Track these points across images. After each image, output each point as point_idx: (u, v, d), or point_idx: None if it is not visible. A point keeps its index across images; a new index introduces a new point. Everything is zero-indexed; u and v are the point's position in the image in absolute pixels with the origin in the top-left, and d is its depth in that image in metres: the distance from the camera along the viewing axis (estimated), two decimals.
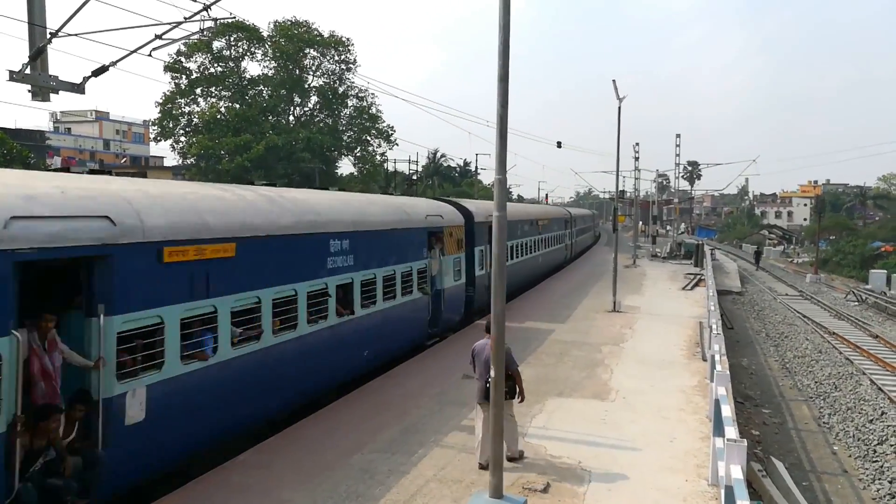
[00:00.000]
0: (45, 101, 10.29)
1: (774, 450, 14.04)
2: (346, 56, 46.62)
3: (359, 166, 50.17)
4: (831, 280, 54.09)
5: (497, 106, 7.01)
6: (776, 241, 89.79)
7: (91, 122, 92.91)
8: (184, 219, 8.11)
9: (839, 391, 18.41)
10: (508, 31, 6.97)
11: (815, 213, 73.36)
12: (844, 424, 15.87)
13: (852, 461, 13.89)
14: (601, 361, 14.50)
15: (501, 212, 7.21)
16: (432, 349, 15.46)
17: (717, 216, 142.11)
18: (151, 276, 7.47)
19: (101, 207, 7.07)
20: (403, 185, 55.68)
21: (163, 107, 43.72)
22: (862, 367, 20.42)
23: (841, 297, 41.23)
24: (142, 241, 7.34)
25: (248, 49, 45.01)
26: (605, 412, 10.96)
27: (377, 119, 48.45)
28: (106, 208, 7.10)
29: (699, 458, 9.00)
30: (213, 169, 41.28)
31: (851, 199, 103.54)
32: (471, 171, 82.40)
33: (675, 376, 13.38)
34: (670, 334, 17.90)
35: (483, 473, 7.96)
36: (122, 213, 7.21)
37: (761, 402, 17.76)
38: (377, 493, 7.77)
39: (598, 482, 8.16)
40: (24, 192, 6.50)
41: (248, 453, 8.93)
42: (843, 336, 25.66)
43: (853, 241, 67.24)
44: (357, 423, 10.13)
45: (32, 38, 9.97)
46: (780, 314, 32.00)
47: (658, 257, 47.13)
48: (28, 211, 6.29)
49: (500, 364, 7.14)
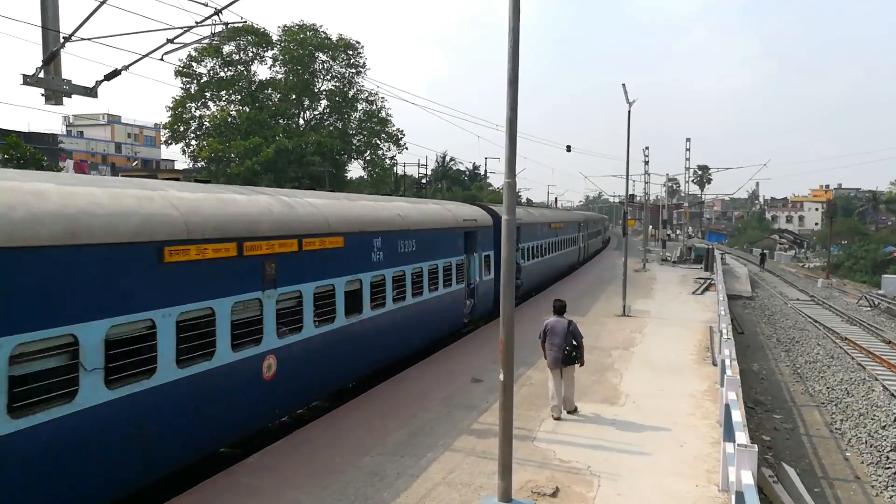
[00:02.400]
0: (58, 105, 10.38)
1: (786, 455, 13.93)
2: (356, 60, 46.78)
3: (368, 170, 50.25)
4: (843, 285, 53.72)
5: (506, 109, 7.02)
6: (787, 246, 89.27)
7: (103, 126, 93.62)
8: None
9: (851, 397, 18.26)
10: (518, 35, 6.98)
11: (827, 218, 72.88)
12: (857, 430, 15.73)
13: (865, 467, 13.76)
14: (611, 366, 14.45)
15: (511, 215, 7.20)
16: (437, 354, 15.44)
17: (727, 220, 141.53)
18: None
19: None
20: (413, 188, 55.77)
21: (173, 111, 43.97)
22: (874, 373, 20.25)
23: (853, 302, 40.92)
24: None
25: (258, 53, 45.23)
26: (615, 417, 10.92)
27: (387, 123, 48.50)
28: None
29: (709, 463, 8.95)
30: (224, 172, 41.47)
31: (863, 203, 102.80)
32: (480, 174, 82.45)
33: (685, 381, 13.31)
34: (680, 339, 17.81)
35: (491, 476, 7.94)
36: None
37: (772, 408, 17.64)
38: (386, 497, 7.77)
39: (607, 487, 8.13)
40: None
41: (256, 455, 8.95)
42: (856, 341, 25.46)
43: (865, 246, 66.78)
44: (366, 426, 10.14)
45: (46, 42, 10.07)
46: (792, 319, 31.79)
47: (668, 261, 46.93)
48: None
49: (509, 365, 7.13)
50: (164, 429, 7.41)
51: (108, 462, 6.76)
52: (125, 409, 6.84)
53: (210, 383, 8.03)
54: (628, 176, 25.74)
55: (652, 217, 63.41)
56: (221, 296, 8.23)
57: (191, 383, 7.73)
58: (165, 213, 7.58)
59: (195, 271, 7.84)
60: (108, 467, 6.77)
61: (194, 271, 7.82)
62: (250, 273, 8.78)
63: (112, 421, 6.70)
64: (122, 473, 6.99)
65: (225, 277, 8.32)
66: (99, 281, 6.67)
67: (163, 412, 7.36)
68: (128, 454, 6.98)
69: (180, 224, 7.67)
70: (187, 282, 7.73)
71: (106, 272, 6.74)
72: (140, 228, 7.15)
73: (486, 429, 10.05)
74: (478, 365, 13.99)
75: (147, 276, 7.22)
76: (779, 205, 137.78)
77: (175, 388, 7.50)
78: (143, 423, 7.08)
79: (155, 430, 7.27)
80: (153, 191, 7.90)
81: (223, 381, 8.25)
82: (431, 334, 15.46)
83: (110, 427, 6.69)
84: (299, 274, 9.83)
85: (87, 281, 6.56)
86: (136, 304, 7.04)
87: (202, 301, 7.94)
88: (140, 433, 7.06)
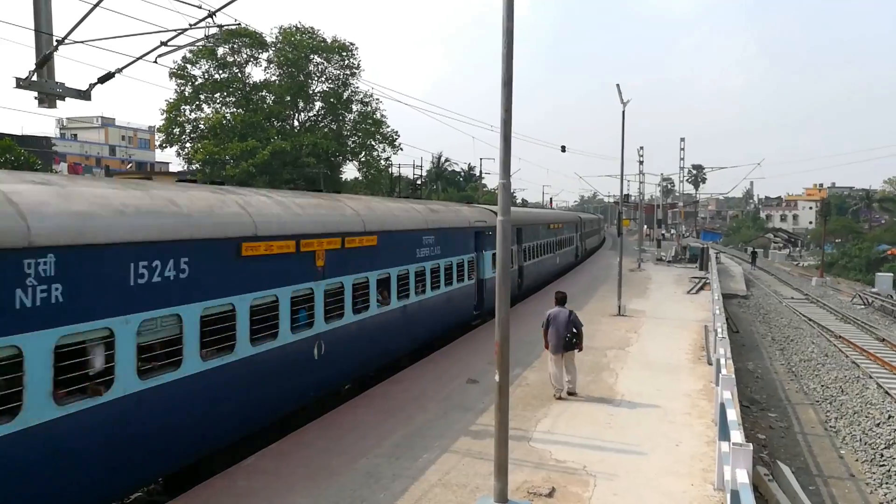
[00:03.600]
0: (51, 108, 10.34)
1: (781, 454, 14.00)
2: (350, 61, 46.76)
3: (363, 171, 50.24)
4: (837, 283, 53.94)
5: (501, 110, 7.03)
6: (781, 245, 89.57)
7: (97, 129, 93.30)
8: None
9: (846, 395, 18.35)
10: (512, 37, 7.00)
11: (821, 217, 73.11)
12: (851, 428, 15.82)
13: (859, 465, 13.83)
14: (606, 365, 14.48)
15: (505, 216, 7.22)
16: (433, 355, 15.45)
17: (721, 220, 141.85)
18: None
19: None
20: (408, 189, 55.74)
21: (168, 113, 43.89)
22: (868, 371, 20.36)
23: (847, 301, 41.11)
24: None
25: (252, 55, 45.19)
26: (611, 416, 10.95)
27: (381, 124, 48.49)
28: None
29: (705, 462, 8.98)
30: (218, 174, 41.38)
31: (857, 202, 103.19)
32: (475, 175, 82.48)
33: (680, 380, 13.35)
34: (675, 338, 17.86)
35: (487, 477, 7.96)
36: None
37: (767, 406, 17.72)
38: (382, 499, 7.77)
39: (603, 486, 8.15)
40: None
41: (253, 458, 8.95)
42: (850, 339, 25.59)
43: (859, 245, 67.10)
44: (362, 428, 10.14)
45: (39, 45, 10.04)
46: (786, 318, 31.91)
47: (663, 261, 47.05)
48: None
49: (504, 366, 7.15)
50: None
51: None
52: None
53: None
54: (623, 176, 25.81)
55: (647, 217, 63.50)
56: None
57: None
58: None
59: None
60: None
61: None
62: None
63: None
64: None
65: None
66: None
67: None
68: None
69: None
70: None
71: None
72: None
73: (482, 430, 10.06)
74: (474, 366, 14.01)
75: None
76: (773, 204, 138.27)
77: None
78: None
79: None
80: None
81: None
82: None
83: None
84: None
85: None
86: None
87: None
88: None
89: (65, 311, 6.23)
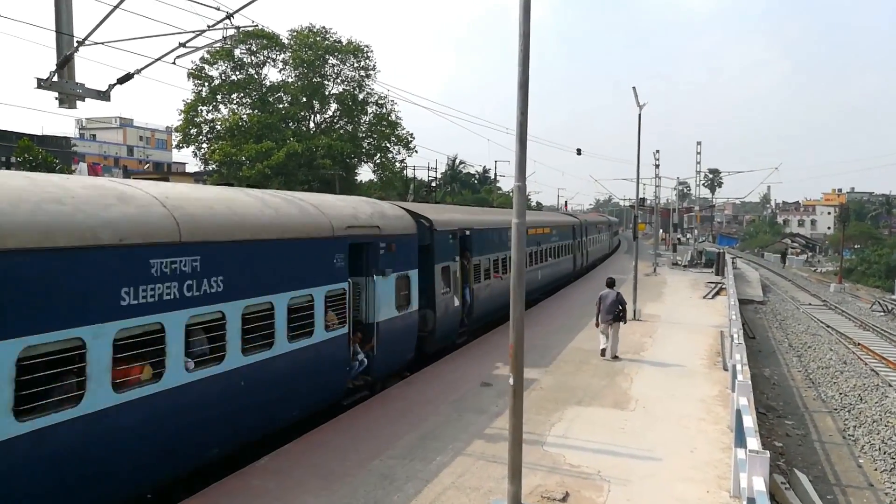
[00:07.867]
0: (71, 108, 10.46)
1: (798, 462, 13.83)
2: (366, 63, 46.90)
3: (378, 173, 50.37)
4: (856, 290, 53.32)
5: (517, 113, 7.01)
6: (799, 250, 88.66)
7: (115, 129, 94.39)
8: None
9: (864, 403, 18.11)
10: (528, 40, 6.97)
11: (840, 222, 72.33)
12: (870, 437, 15.60)
13: (878, 474, 13.64)
14: (621, 370, 14.39)
15: (521, 219, 7.18)
16: (446, 357, 15.44)
17: (738, 224, 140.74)
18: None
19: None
20: (422, 191, 55.80)
21: (185, 114, 44.28)
22: (888, 379, 20.08)
23: (866, 308, 40.61)
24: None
25: (269, 56, 45.48)
26: (625, 421, 10.87)
27: (397, 126, 48.57)
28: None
29: (720, 468, 8.89)
30: (235, 175, 41.67)
31: (877, 207, 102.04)
32: (490, 177, 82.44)
33: (695, 386, 13.24)
34: (691, 343, 17.72)
35: (501, 481, 7.93)
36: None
37: (784, 413, 17.51)
38: (396, 500, 7.77)
39: (617, 492, 8.09)
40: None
41: (267, 458, 8.98)
42: (869, 347, 25.27)
43: (878, 251, 66.28)
44: (376, 430, 10.15)
45: (60, 46, 10.15)
46: (804, 324, 31.57)
47: (679, 265, 46.73)
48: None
49: (518, 369, 7.12)
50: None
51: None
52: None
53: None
54: (639, 179, 25.64)
55: (663, 221, 63.12)
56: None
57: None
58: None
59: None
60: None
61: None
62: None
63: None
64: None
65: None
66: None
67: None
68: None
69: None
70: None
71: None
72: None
73: (495, 433, 10.03)
74: (487, 370, 13.97)
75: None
76: (791, 208, 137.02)
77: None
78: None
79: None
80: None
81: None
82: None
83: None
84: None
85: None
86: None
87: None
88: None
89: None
